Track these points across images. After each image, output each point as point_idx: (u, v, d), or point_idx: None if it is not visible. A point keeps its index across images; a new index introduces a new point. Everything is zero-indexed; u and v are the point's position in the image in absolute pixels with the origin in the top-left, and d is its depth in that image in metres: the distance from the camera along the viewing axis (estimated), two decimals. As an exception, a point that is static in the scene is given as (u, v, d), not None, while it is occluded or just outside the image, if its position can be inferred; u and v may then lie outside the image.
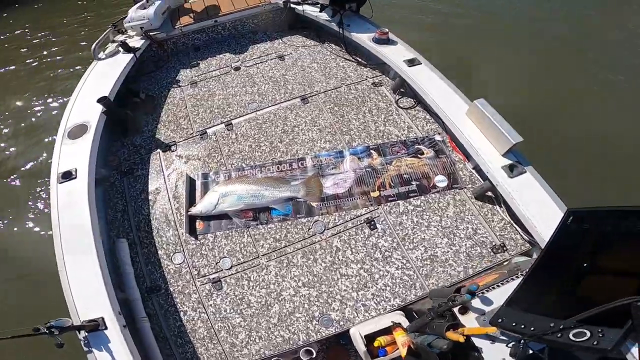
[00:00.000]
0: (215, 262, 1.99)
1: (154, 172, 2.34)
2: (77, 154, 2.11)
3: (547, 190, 1.81)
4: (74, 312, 1.59)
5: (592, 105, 3.63)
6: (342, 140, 2.33)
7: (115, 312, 1.58)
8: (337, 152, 2.24)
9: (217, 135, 2.45)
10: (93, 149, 2.14)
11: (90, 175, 2.02)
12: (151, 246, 2.07)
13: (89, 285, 1.65)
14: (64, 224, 1.84)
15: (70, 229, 1.82)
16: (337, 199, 2.07)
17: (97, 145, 2.18)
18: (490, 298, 1.27)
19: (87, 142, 2.16)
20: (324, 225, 2.02)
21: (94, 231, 1.80)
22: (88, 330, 1.52)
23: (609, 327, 0.74)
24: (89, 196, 1.93)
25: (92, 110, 2.32)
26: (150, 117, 2.65)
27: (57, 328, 1.39)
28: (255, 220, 2.06)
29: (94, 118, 2.28)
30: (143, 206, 2.21)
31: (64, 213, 1.88)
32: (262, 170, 2.22)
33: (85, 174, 2.01)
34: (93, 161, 2.09)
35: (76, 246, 1.76)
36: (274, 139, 2.37)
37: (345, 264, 1.92)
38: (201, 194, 2.18)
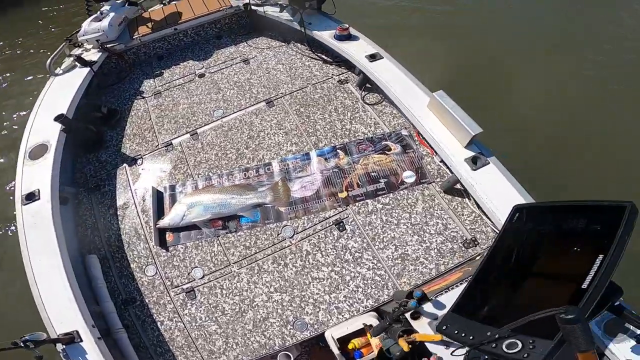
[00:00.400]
0: (188, 273, 1.98)
1: (121, 187, 2.30)
2: (39, 175, 2.07)
3: (512, 181, 1.79)
4: (50, 326, 1.63)
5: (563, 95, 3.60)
6: (308, 142, 2.30)
7: (89, 325, 1.61)
8: (303, 154, 2.21)
9: (183, 145, 2.41)
10: (55, 168, 2.10)
11: (54, 195, 1.99)
12: (123, 260, 2.07)
13: (60, 302, 1.67)
14: (31, 245, 1.83)
15: (38, 249, 1.81)
16: (305, 202, 2.04)
17: (59, 165, 2.14)
18: (443, 302, 1.26)
19: (48, 161, 2.11)
20: (293, 230, 2.00)
21: (61, 250, 1.80)
22: (65, 343, 1.56)
23: (542, 338, 0.73)
24: (54, 216, 1.91)
25: (52, 128, 2.26)
26: (114, 132, 2.60)
27: (32, 342, 1.46)
28: (224, 229, 2.04)
29: (54, 137, 2.22)
30: (112, 221, 2.18)
31: (30, 234, 1.86)
32: (229, 178, 2.18)
33: (48, 194, 1.98)
34: (56, 181, 2.06)
35: (45, 265, 1.77)
36: (240, 146, 2.33)
37: (316, 267, 1.91)
38: (169, 206, 2.14)
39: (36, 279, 1.73)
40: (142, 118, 2.64)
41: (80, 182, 2.39)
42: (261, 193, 2.06)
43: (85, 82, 2.60)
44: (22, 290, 1.80)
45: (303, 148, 2.26)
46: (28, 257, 1.79)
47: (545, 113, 3.38)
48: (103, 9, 2.97)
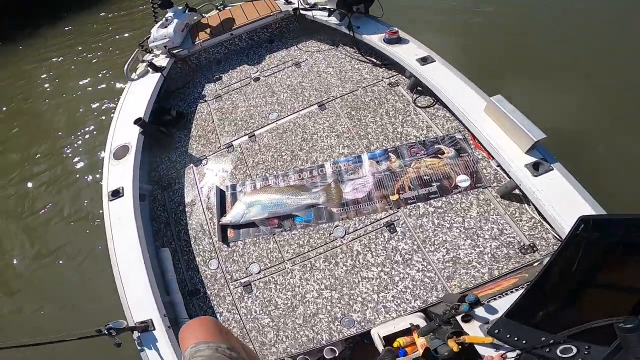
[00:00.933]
0: (245, 267, 2.13)
1: (189, 185, 2.54)
2: (122, 173, 2.36)
3: (578, 188, 1.70)
4: (129, 314, 1.84)
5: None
6: (360, 144, 2.36)
7: (161, 315, 1.80)
8: (355, 157, 2.28)
9: (242, 147, 2.59)
10: (135, 168, 2.38)
11: (135, 193, 2.26)
12: (190, 253, 2.28)
13: (139, 292, 1.89)
14: (116, 238, 2.09)
15: (122, 242, 2.07)
16: (356, 204, 2.12)
17: (139, 164, 2.42)
18: (496, 307, 1.26)
19: (130, 162, 2.40)
20: (345, 230, 2.08)
21: (141, 244, 2.04)
22: (140, 331, 1.76)
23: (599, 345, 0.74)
24: (135, 212, 2.17)
25: (131, 131, 2.57)
26: (182, 133, 2.86)
27: (114, 329, 1.65)
28: (279, 227, 2.18)
29: (134, 138, 2.52)
30: (182, 217, 2.41)
31: (115, 228, 2.14)
32: (284, 179, 2.32)
33: (131, 192, 2.25)
34: (136, 179, 2.33)
35: (127, 257, 2.01)
36: (294, 148, 2.46)
37: (365, 267, 1.97)
38: (230, 204, 2.33)
39: (120, 269, 1.98)
40: (206, 120, 2.87)
41: (155, 180, 2.66)
42: (315, 194, 2.17)
43: (157, 86, 2.89)
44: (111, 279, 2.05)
45: (355, 151, 2.33)
46: (113, 249, 2.05)
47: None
48: (167, 16, 3.26)
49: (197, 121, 2.90)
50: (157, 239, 2.39)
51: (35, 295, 3.33)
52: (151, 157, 2.78)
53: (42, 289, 3.36)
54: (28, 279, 3.48)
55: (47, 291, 3.32)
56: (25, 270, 3.55)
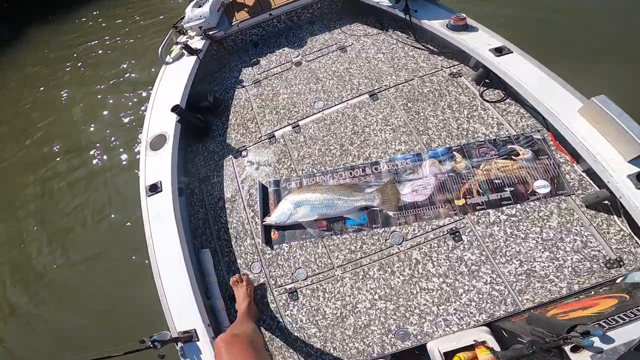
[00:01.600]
0: (291, 273, 2.00)
1: (229, 179, 2.39)
2: (159, 166, 2.22)
3: None
4: (171, 322, 1.74)
5: None
6: (419, 141, 2.15)
7: (205, 324, 1.70)
8: (414, 154, 2.07)
9: (286, 138, 2.42)
10: (173, 159, 2.23)
11: (174, 187, 2.12)
12: (231, 255, 2.15)
13: (182, 299, 1.78)
14: (156, 236, 1.98)
15: (161, 242, 1.96)
16: (416, 208, 1.93)
17: (176, 156, 2.27)
18: (612, 335, 1.08)
19: (167, 153, 2.25)
20: (402, 236, 1.91)
21: (182, 244, 1.92)
22: (184, 342, 1.66)
23: None
24: (174, 209, 2.03)
25: (168, 119, 2.41)
26: (219, 121, 2.70)
27: (159, 341, 1.54)
28: (329, 231, 2.02)
29: (171, 127, 2.37)
30: (221, 214, 2.28)
31: (155, 225, 2.01)
32: (333, 177, 2.15)
33: (169, 186, 2.11)
34: (175, 172, 2.19)
35: (168, 258, 1.90)
36: (344, 141, 2.27)
37: (425, 277, 1.81)
38: (274, 202, 2.18)
39: (160, 272, 1.87)
40: (245, 108, 2.70)
41: (192, 171, 2.53)
42: (369, 195, 1.99)
43: (194, 70, 2.71)
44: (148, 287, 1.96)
45: (413, 147, 2.12)
46: (153, 250, 1.94)
47: None
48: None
49: (235, 108, 2.73)
50: (195, 237, 2.27)
51: (67, 304, 3.27)
52: (188, 147, 2.65)
53: (76, 296, 3.29)
54: (59, 284, 3.41)
55: (81, 298, 3.26)
56: (58, 277, 3.47)
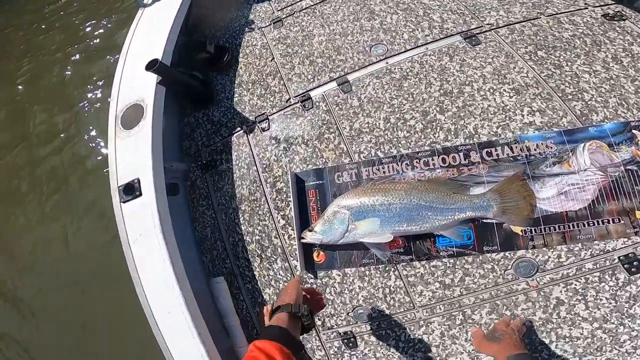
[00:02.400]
0: (347, 312, 1.32)
1: (244, 164, 1.62)
2: (137, 153, 1.43)
3: None
4: None
5: None
6: (567, 110, 1.29)
7: None
8: (558, 133, 1.24)
9: (329, 101, 1.59)
10: (156, 141, 1.43)
11: (158, 186, 1.36)
12: (254, 282, 1.47)
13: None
14: (142, 268, 1.30)
15: (151, 275, 1.28)
16: (565, 222, 1.15)
17: (160, 135, 1.47)
18: None
19: (146, 131, 1.44)
20: (536, 266, 1.16)
21: (180, 283, 1.24)
22: None
23: None
24: (163, 224, 1.30)
25: (145, 81, 1.56)
26: (226, 78, 1.87)
27: None
28: (407, 254, 1.28)
29: (149, 93, 1.53)
30: (236, 220, 1.55)
31: (137, 250, 1.32)
32: (413, 165, 1.36)
33: (152, 185, 1.35)
34: (159, 162, 1.41)
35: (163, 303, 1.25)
36: (428, 107, 1.43)
37: (570, 322, 1.13)
38: (316, 205, 1.41)
39: (157, 322, 1.23)
40: (262, 58, 1.85)
41: (191, 153, 1.75)
42: (478, 199, 1.20)
43: (182, 12, 1.80)
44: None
45: (557, 121, 1.27)
46: (142, 289, 1.27)
47: None
48: None
49: (247, 59, 1.88)
50: (204, 253, 1.59)
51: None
52: (182, 118, 1.85)
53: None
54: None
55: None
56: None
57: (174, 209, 1.42)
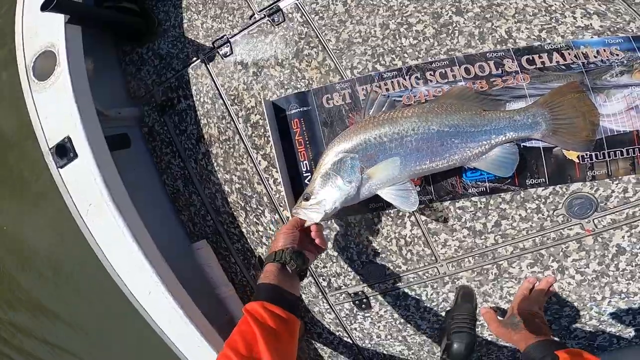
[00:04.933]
0: (355, 270, 1.05)
1: (207, 99, 1.20)
2: (59, 107, 1.02)
3: None
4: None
5: None
6: (633, 15, 0.88)
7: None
8: (625, 38, 0.85)
9: (304, 10, 1.12)
10: (79, 90, 1.02)
11: (94, 143, 0.98)
12: (244, 239, 1.18)
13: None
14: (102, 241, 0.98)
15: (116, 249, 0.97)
16: (635, 145, 0.82)
17: (86, 81, 1.06)
18: None
19: (64, 80, 1.02)
20: (594, 204, 0.86)
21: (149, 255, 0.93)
22: None
23: None
24: (110, 188, 0.94)
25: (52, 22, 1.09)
26: (169, 4, 1.33)
27: None
28: (425, 194, 0.95)
29: (59, 35, 1.06)
30: (209, 167, 1.20)
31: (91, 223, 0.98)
32: (426, 79, 0.96)
33: (85, 143, 0.96)
34: (90, 113, 1.02)
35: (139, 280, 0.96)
36: (440, 8, 0.98)
37: (629, 276, 0.88)
38: (303, 137, 1.05)
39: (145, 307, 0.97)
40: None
41: (141, 94, 1.31)
42: (520, 115, 0.84)
43: None
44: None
45: (622, 26, 0.87)
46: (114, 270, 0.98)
47: None
48: None
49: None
50: (180, 211, 1.27)
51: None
52: (123, 57, 1.36)
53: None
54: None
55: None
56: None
57: (131, 164, 1.13)
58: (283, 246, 0.81)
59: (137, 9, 1.33)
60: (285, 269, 0.79)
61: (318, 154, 1.02)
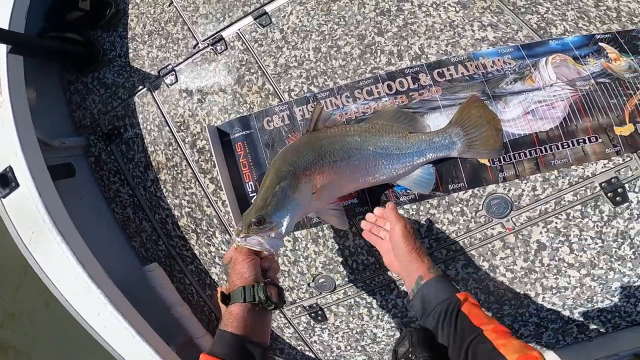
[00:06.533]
0: (307, 283, 1.06)
1: (153, 127, 1.20)
2: (0, 137, 1.00)
3: None
4: None
5: None
6: (522, 23, 0.99)
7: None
8: (515, 47, 0.95)
9: (245, 38, 1.16)
10: (21, 120, 1.00)
11: (38, 174, 0.96)
12: (198, 261, 1.17)
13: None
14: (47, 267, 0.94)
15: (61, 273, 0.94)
16: (536, 146, 0.91)
17: (28, 111, 1.05)
18: None
19: (5, 110, 1.00)
20: (510, 203, 0.93)
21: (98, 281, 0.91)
22: None
23: None
24: (53, 215, 0.92)
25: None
26: (114, 34, 1.34)
27: None
28: (363, 205, 0.99)
29: (1, 64, 1.05)
30: (158, 193, 1.19)
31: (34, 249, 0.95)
32: (354, 97, 1.01)
33: (27, 172, 0.94)
34: (31, 143, 1.00)
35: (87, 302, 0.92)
36: (364, 30, 1.06)
37: (555, 270, 0.92)
38: (247, 159, 1.06)
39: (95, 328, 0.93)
40: (156, 5, 1.31)
41: (87, 124, 1.29)
42: (439, 137, 0.89)
43: None
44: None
45: (512, 36, 0.98)
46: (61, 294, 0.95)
47: None
48: None
49: (138, 9, 1.34)
50: (132, 238, 1.24)
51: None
52: (68, 86, 1.34)
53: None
54: None
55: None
56: None
57: (77, 193, 1.11)
58: (252, 280, 0.67)
59: (82, 39, 1.33)
60: (254, 308, 0.66)
61: (262, 175, 1.03)
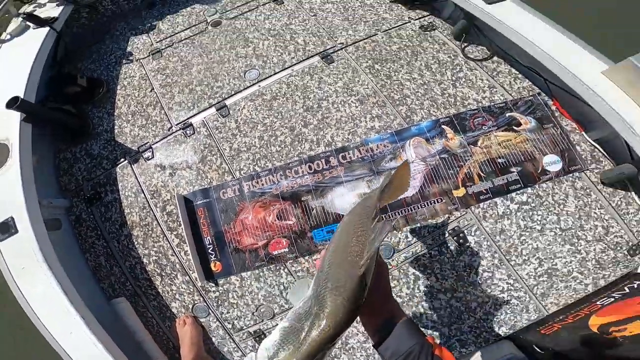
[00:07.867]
0: (251, 312, 1.31)
1: (130, 193, 1.48)
2: (7, 193, 1.25)
3: None
4: None
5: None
6: (396, 114, 1.47)
7: None
8: (391, 133, 1.40)
9: (209, 126, 1.55)
10: (26, 179, 1.28)
11: (35, 220, 1.21)
12: (160, 298, 1.37)
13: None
14: (30, 298, 1.13)
15: (43, 301, 1.13)
16: (405, 206, 1.31)
17: (32, 172, 1.32)
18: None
19: (14, 170, 1.28)
20: (392, 248, 1.30)
21: (74, 302, 1.12)
22: None
23: None
24: (45, 254, 1.16)
25: (9, 118, 1.37)
26: (103, 110, 1.68)
27: None
28: (292, 253, 1.31)
29: (14, 131, 1.34)
30: (130, 245, 1.42)
31: (22, 282, 1.15)
32: (286, 175, 1.39)
33: (28, 221, 1.19)
34: (32, 198, 1.26)
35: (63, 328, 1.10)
36: (294, 123, 1.49)
37: (429, 295, 1.27)
38: (206, 220, 1.37)
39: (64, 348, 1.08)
40: (141, 89, 1.71)
41: (71, 188, 1.54)
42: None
43: (47, 46, 1.62)
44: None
45: (390, 124, 1.44)
46: (39, 321, 1.11)
47: None
48: None
49: (125, 90, 1.73)
50: (101, 280, 1.42)
51: None
52: (58, 154, 1.62)
53: None
54: None
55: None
56: None
57: (59, 243, 1.29)
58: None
59: (75, 112, 1.63)
60: None
61: (217, 232, 1.35)
